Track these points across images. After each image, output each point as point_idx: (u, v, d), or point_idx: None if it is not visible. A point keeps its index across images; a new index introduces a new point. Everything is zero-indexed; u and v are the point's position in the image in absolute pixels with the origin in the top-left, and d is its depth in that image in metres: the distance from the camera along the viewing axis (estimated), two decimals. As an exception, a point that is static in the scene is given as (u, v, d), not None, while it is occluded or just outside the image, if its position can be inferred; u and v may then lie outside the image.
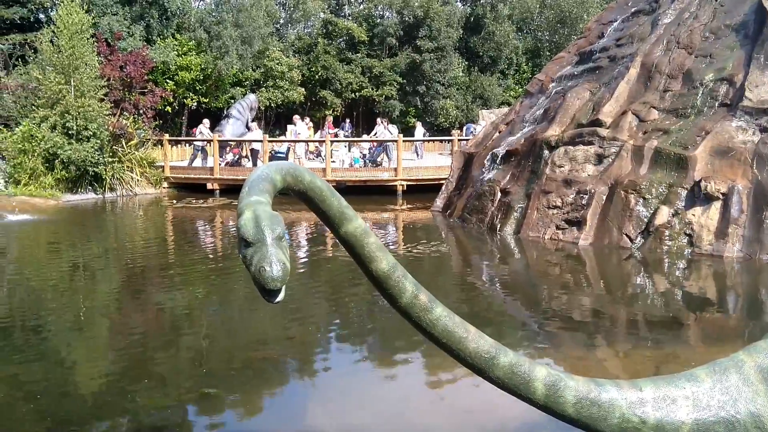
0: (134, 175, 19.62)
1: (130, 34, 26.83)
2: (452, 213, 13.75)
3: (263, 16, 31.93)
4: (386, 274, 2.57)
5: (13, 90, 19.17)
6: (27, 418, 4.26)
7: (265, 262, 1.95)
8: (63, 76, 18.23)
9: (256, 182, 2.34)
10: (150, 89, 22.01)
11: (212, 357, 5.51)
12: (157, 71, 26.94)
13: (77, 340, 6.04)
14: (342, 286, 8.38)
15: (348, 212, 2.59)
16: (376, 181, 19.06)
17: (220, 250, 11.20)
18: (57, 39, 18.84)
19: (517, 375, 2.51)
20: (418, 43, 38.17)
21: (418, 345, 5.56)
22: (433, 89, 39.33)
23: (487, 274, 9.08)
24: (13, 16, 25.66)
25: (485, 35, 41.79)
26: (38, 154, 17.45)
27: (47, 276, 9.03)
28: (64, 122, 17.82)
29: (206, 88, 31.00)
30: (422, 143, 26.33)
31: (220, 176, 19.82)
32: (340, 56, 38.84)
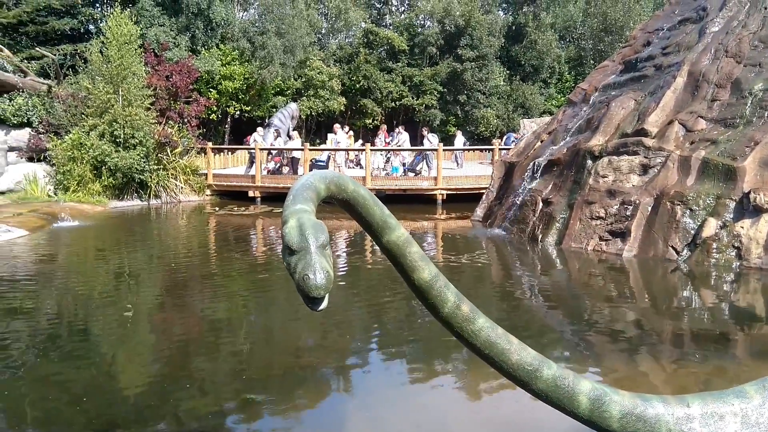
0: (178, 182, 20.00)
1: (176, 44, 27.42)
2: (492, 222, 13.64)
3: (305, 26, 32.29)
4: (428, 283, 2.56)
5: (63, 99, 19.73)
6: (74, 420, 4.35)
7: (309, 270, 1.96)
8: (111, 85, 18.72)
9: (300, 191, 2.35)
10: (194, 98, 22.43)
11: (253, 363, 5.56)
12: (201, 81, 27.43)
13: (122, 345, 6.15)
14: (381, 294, 8.37)
15: (390, 221, 2.59)
16: (415, 190, 19.06)
17: (261, 258, 11.31)
18: (106, 49, 19.36)
19: (560, 388, 2.47)
20: (459, 51, 38.12)
21: (458, 355, 5.52)
22: (473, 98, 39.20)
23: (528, 285, 8.98)
24: (64, 27, 26.47)
25: (527, 44, 41.52)
26: (87, 161, 17.92)
27: (94, 281, 9.24)
28: (112, 131, 18.27)
29: (249, 97, 31.44)
30: (462, 152, 26.24)
31: (262, 184, 20.05)
32: (380, 65, 39.04)
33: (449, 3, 39.01)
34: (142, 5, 28.01)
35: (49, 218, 14.45)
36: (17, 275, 9.26)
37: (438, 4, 39.32)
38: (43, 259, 10.77)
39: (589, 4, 43.23)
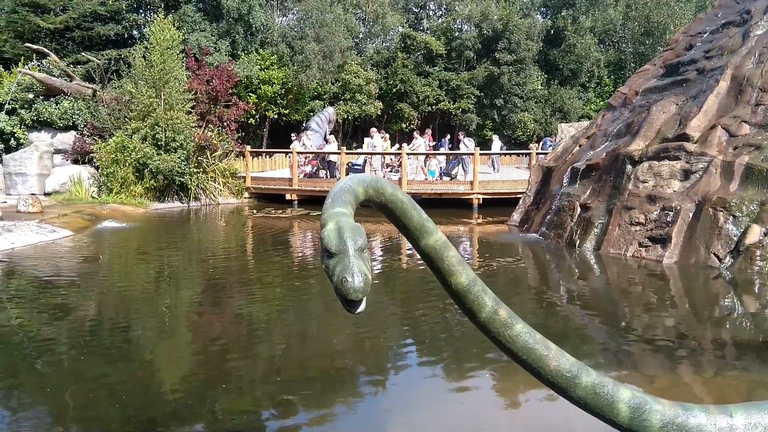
0: (217, 185, 20.30)
1: (216, 49, 27.84)
2: (529, 227, 13.54)
3: (343, 30, 32.49)
4: (466, 288, 2.56)
5: (108, 103, 20.18)
6: (113, 417, 4.44)
7: (347, 273, 1.97)
8: (154, 89, 19.09)
9: (339, 194, 2.37)
10: (234, 102, 22.74)
11: (288, 365, 5.61)
12: (240, 85, 27.80)
13: (161, 344, 6.27)
14: (416, 297, 8.37)
15: (428, 225, 2.59)
16: (451, 194, 19.01)
17: (298, 260, 11.41)
18: (149, 54, 19.75)
19: (600, 396, 2.44)
20: (497, 55, 37.95)
21: (494, 360, 5.49)
22: (511, 102, 38.97)
23: (565, 291, 8.88)
24: (109, 32, 27.09)
25: (566, 48, 41.14)
26: (129, 164, 18.30)
27: (135, 281, 9.44)
28: (154, 134, 18.63)
29: (287, 101, 31.75)
30: (499, 157, 26.08)
31: (299, 187, 20.23)
32: (417, 70, 39.06)
33: (487, 7, 38.89)
34: (185, 11, 28.53)
35: (93, 219, 14.79)
36: (62, 274, 9.51)
37: (476, 8, 39.22)
38: (87, 259, 11.03)
39: (630, 7, 42.63)
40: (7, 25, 25.32)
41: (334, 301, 7.86)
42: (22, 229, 12.21)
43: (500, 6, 40.39)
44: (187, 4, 29.17)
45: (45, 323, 6.74)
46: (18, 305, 7.64)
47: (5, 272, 9.69)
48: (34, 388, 4.96)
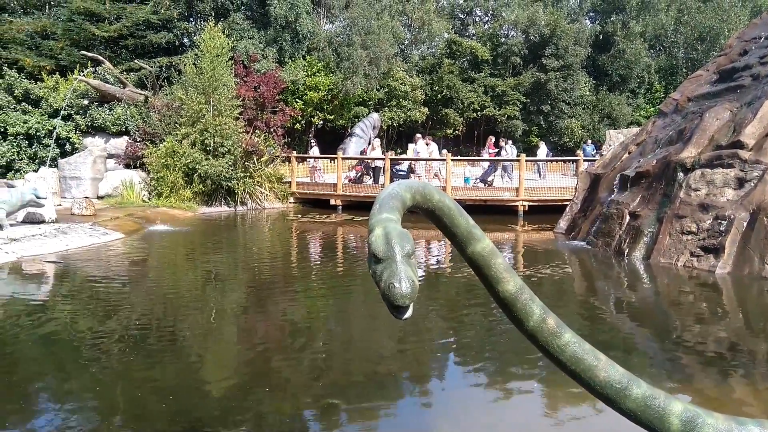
0: (263, 189, 20.56)
1: (264, 56, 28.22)
2: (576, 235, 13.33)
3: (389, 37, 32.60)
4: (513, 296, 2.53)
5: (159, 109, 20.64)
6: (160, 417, 4.53)
7: (395, 279, 1.97)
8: (203, 96, 19.46)
9: (386, 200, 2.37)
10: (280, 108, 23.01)
11: (332, 369, 5.63)
12: (287, 91, 28.11)
13: (207, 345, 6.37)
14: (460, 303, 8.33)
15: (476, 232, 2.57)
16: (496, 201, 18.85)
17: (341, 265, 11.47)
18: (199, 62, 20.15)
19: (650, 408, 2.39)
20: (544, 61, 37.59)
21: (539, 368, 5.42)
22: (557, 108, 38.53)
23: (613, 301, 8.71)
24: (160, 40, 27.70)
25: (615, 53, 40.50)
26: (179, 168, 18.67)
27: (182, 283, 9.63)
28: (203, 139, 18.98)
29: (332, 107, 31.98)
30: (545, 163, 25.78)
31: (343, 193, 20.34)
32: (463, 75, 38.94)
33: (534, 13, 38.58)
34: (234, 19, 29.01)
35: (143, 222, 15.15)
36: (112, 276, 9.75)
37: (522, 14, 38.96)
38: (137, 261, 11.29)
39: (682, 11, 41.76)
40: (63, 34, 26.14)
41: (377, 305, 7.88)
42: (76, 231, 12.57)
43: (547, 11, 40.00)
44: (236, 13, 29.65)
45: (96, 323, 6.92)
46: (70, 305, 7.87)
47: (59, 273, 10.00)
48: (84, 386, 5.10)
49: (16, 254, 10.55)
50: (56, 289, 8.82)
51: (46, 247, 11.24)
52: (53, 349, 6.06)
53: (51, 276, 9.80)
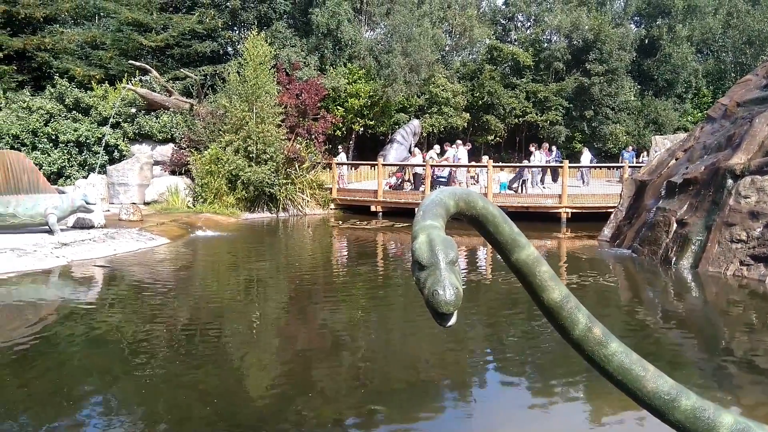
0: (305, 196, 20.73)
1: (306, 64, 28.52)
2: (621, 243, 13.09)
3: (430, 44, 32.60)
4: (558, 304, 2.50)
5: (203, 116, 21.01)
6: (204, 420, 4.58)
7: (439, 286, 1.96)
8: (247, 103, 19.73)
9: (430, 207, 2.37)
10: (322, 115, 23.19)
11: (372, 375, 5.63)
12: (328, 98, 28.34)
13: (249, 350, 6.43)
14: (501, 311, 8.24)
15: (520, 239, 2.55)
16: (538, 208, 18.65)
17: (382, 271, 11.47)
18: (243, 70, 20.46)
19: (700, 420, 2.33)
20: (587, 66, 37.10)
21: (582, 377, 5.33)
22: (601, 114, 37.96)
23: (659, 310, 8.51)
24: (205, 49, 28.25)
25: (661, 57, 39.74)
26: (222, 175, 18.95)
27: (225, 288, 9.75)
28: (246, 146, 19.25)
29: (373, 113, 32.11)
30: (589, 170, 25.41)
31: (384, 199, 20.38)
32: (504, 81, 38.69)
33: (578, 17, 38.14)
34: (276, 27, 29.41)
35: (188, 228, 15.41)
36: (158, 280, 9.94)
37: (566, 19, 38.54)
38: (182, 266, 11.49)
39: (731, 15, 40.75)
40: (112, 44, 26.86)
41: (417, 312, 7.85)
42: (124, 236, 12.86)
43: (591, 16, 39.49)
44: (278, 21, 30.06)
45: (142, 327, 7.05)
46: (117, 309, 8.04)
47: (107, 277, 10.23)
48: (129, 389, 5.20)
49: (67, 258, 10.84)
50: (104, 293, 9.03)
51: (94, 252, 11.52)
52: (101, 352, 6.20)
53: (99, 280, 10.04)
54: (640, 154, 31.31)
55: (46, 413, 4.63)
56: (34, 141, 19.42)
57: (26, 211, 12.23)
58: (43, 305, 8.18)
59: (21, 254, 10.50)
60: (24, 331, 6.90)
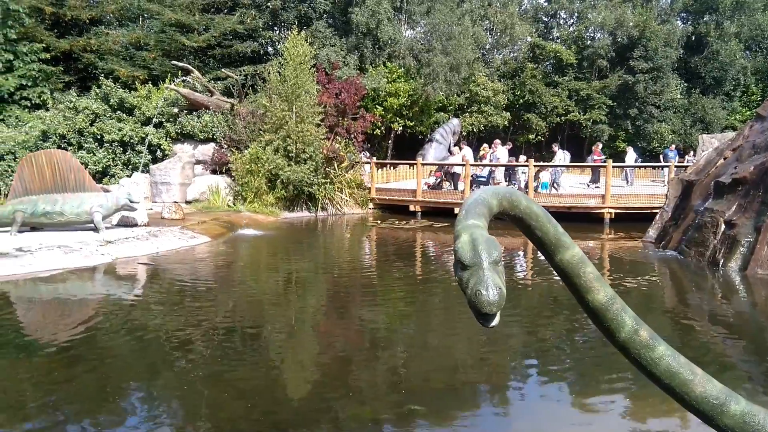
0: (343, 195, 20.78)
1: (345, 63, 28.64)
2: (667, 245, 12.78)
3: (471, 42, 32.40)
4: (604, 306, 2.43)
5: (244, 116, 21.23)
6: (243, 417, 4.59)
7: (482, 286, 1.92)
8: (286, 103, 19.86)
9: (473, 206, 2.32)
10: (361, 115, 23.23)
11: (410, 376, 5.58)
12: (368, 97, 28.39)
13: (287, 349, 6.44)
14: (542, 312, 8.11)
15: (565, 240, 2.49)
16: (581, 208, 18.34)
17: (420, 271, 11.41)
18: (283, 69, 20.61)
19: (750, 425, 2.24)
20: (632, 63, 36.44)
21: (626, 380, 5.20)
22: (646, 112, 37.23)
23: (706, 314, 8.27)
24: (246, 49, 28.61)
25: (708, 54, 38.80)
26: (262, 174, 19.12)
27: (265, 286, 9.81)
28: (286, 145, 19.38)
29: (412, 113, 32.06)
30: (633, 169, 24.93)
31: (423, 199, 20.30)
32: (546, 79, 38.26)
33: (622, 14, 37.49)
34: (316, 27, 29.60)
35: (229, 227, 15.58)
36: (199, 278, 10.06)
37: (610, 16, 37.91)
38: (222, 264, 11.61)
39: (782, 9, 39.55)
40: (156, 44, 27.38)
41: (456, 312, 7.78)
42: (166, 234, 13.06)
43: (636, 12, 38.77)
44: (318, 21, 30.25)
45: (183, 324, 7.13)
46: (160, 306, 8.15)
47: (150, 274, 10.40)
48: (170, 384, 5.25)
49: (111, 256, 11.05)
50: (147, 291, 9.17)
51: (138, 250, 11.73)
52: (143, 348, 6.28)
53: (142, 277, 10.21)
54: (685, 153, 30.60)
55: (91, 407, 4.71)
56: (80, 140, 19.87)
57: (72, 209, 12.52)
58: (89, 302, 8.35)
59: (68, 251, 10.73)
60: (70, 327, 7.04)
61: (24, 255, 10.19)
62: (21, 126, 21.34)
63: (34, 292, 8.87)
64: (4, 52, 22.81)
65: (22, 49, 23.38)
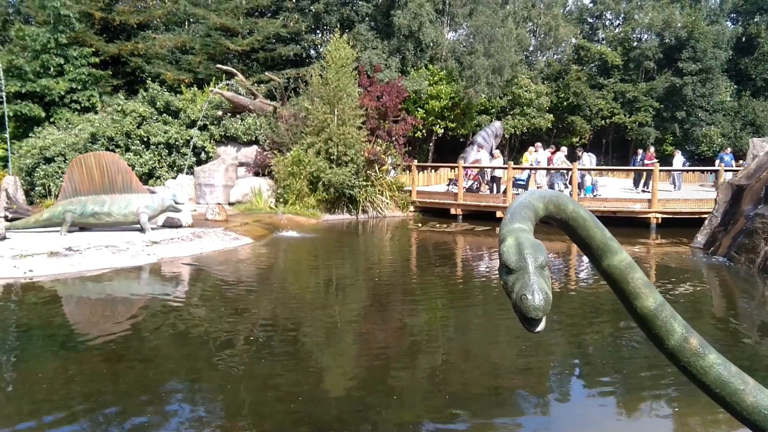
0: (384, 198, 20.77)
1: (387, 66, 28.67)
2: (716, 251, 12.44)
3: (514, 44, 32.11)
4: (652, 312, 2.37)
5: (286, 119, 21.42)
6: (285, 418, 4.62)
7: (527, 291, 1.88)
8: (328, 106, 19.97)
9: (518, 209, 2.29)
10: (402, 117, 23.20)
11: (451, 380, 5.53)
12: (409, 100, 28.35)
13: (327, 350, 6.46)
14: (585, 317, 7.96)
15: (612, 245, 2.43)
16: (627, 213, 17.98)
17: (461, 275, 11.33)
18: (325, 72, 20.73)
19: None
20: (680, 65, 35.65)
21: (671, 389, 5.06)
22: (694, 115, 36.37)
23: (757, 322, 8.00)
24: (289, 52, 28.88)
25: (759, 56, 37.76)
26: (304, 176, 19.25)
27: (306, 288, 9.87)
28: (327, 148, 19.48)
29: (454, 115, 31.91)
30: (680, 173, 24.35)
31: (464, 202, 20.18)
32: (591, 82, 37.69)
33: (670, 14, 36.73)
34: (358, 30, 29.71)
35: (271, 228, 15.74)
36: (241, 279, 10.17)
37: (657, 16, 37.19)
38: (264, 265, 11.72)
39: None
40: (201, 48, 27.85)
41: (497, 316, 7.69)
42: (210, 235, 13.25)
43: (684, 13, 37.93)
44: (361, 24, 30.36)
45: (225, 324, 7.21)
46: (202, 305, 8.27)
47: (194, 274, 10.56)
48: (213, 383, 5.31)
49: (157, 256, 11.25)
50: (191, 290, 9.31)
51: (182, 250, 11.92)
52: (186, 346, 6.37)
53: (186, 277, 10.37)
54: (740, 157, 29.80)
55: (134, 405, 4.79)
56: (127, 143, 20.32)
57: (120, 210, 12.81)
58: (134, 301, 8.51)
59: (115, 251, 10.98)
60: (116, 325, 7.19)
61: (73, 254, 10.45)
62: (71, 128, 21.91)
63: (82, 291, 9.09)
64: (55, 57, 23.47)
65: (72, 54, 24.02)
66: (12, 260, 9.80)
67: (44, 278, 9.41)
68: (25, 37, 23.43)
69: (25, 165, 20.24)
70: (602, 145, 39.73)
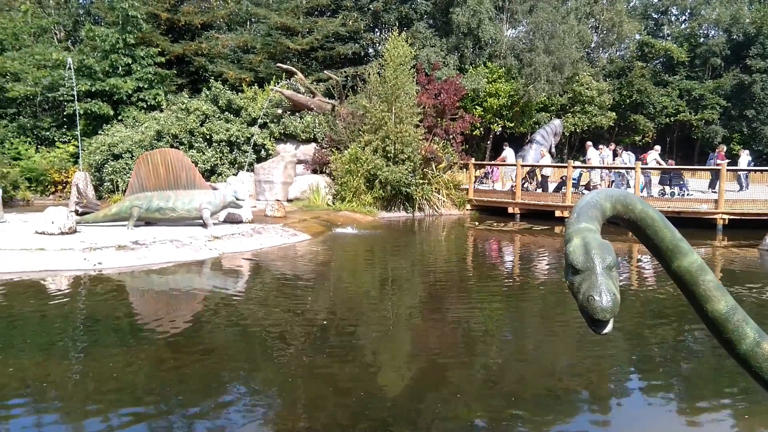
0: (441, 196, 20.71)
1: (445, 63, 28.55)
2: (786, 254, 11.95)
3: (575, 41, 31.52)
4: (724, 316, 2.31)
5: (344, 117, 21.59)
6: (339, 412, 4.67)
7: (594, 292, 1.86)
8: (386, 104, 20.02)
9: (585, 209, 2.25)
10: (460, 115, 23.06)
11: (506, 379, 5.49)
12: (467, 98, 28.15)
13: (383, 346, 6.49)
14: (647, 319, 7.77)
15: (683, 246, 2.36)
16: (691, 213, 17.44)
17: (519, 274, 11.21)
18: (383, 71, 20.79)
19: None
20: (748, 62, 34.39)
21: (735, 395, 4.90)
22: (764, 113, 34.97)
23: (832, 330, 7.66)
24: (347, 51, 29.07)
25: (834, 51, 35.94)
26: (361, 174, 19.35)
27: (362, 285, 9.94)
28: (384, 146, 19.53)
29: (512, 113, 31.54)
30: (747, 173, 23.46)
31: (522, 201, 19.94)
32: (655, 79, 36.68)
33: (738, 10, 35.45)
34: (417, 28, 29.69)
35: (328, 225, 15.90)
36: (299, 275, 10.32)
37: (725, 12, 35.93)
38: (322, 261, 11.86)
39: None
40: (262, 48, 28.32)
41: (554, 316, 7.59)
42: (269, 231, 13.49)
43: (753, 9, 36.50)
44: (419, 21, 30.33)
45: (282, 318, 7.34)
46: (261, 300, 8.43)
47: (253, 269, 10.78)
48: (270, 376, 5.42)
49: (218, 251, 11.53)
50: (250, 285, 9.51)
51: (242, 246, 12.18)
52: (246, 340, 6.52)
53: (246, 272, 10.59)
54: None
55: (195, 395, 4.94)
56: (190, 140, 20.83)
57: (183, 206, 13.17)
58: (196, 294, 8.75)
59: (179, 246, 11.29)
60: (179, 318, 7.41)
61: (140, 248, 10.81)
62: (138, 126, 22.61)
63: (147, 283, 9.40)
64: (123, 56, 24.24)
65: (139, 54, 24.77)
66: (82, 253, 10.19)
67: (112, 270, 9.76)
68: (95, 37, 24.29)
69: (94, 161, 21.02)
70: (666, 144, 38.62)
